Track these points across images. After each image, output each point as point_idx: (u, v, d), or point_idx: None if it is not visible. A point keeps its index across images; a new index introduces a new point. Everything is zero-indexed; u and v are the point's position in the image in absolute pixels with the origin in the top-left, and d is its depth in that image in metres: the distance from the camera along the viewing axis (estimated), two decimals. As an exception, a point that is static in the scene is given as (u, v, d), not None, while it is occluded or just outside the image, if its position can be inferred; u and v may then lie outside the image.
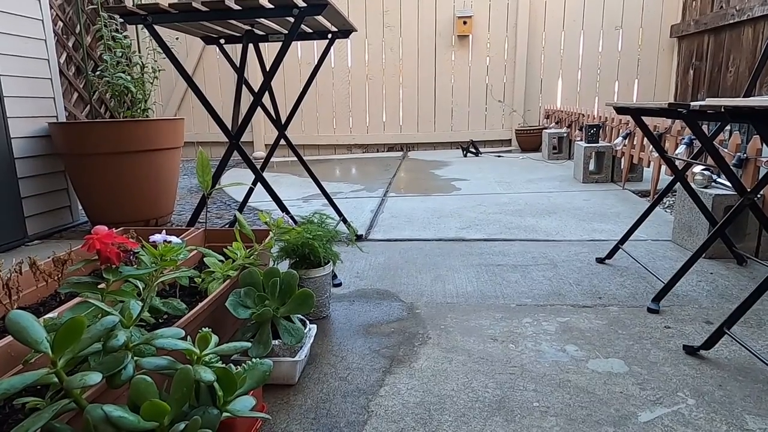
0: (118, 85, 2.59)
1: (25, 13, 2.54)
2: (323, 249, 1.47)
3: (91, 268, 1.32)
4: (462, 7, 5.53)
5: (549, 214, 2.71)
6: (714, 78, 4.50)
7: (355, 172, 4.59)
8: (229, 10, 1.64)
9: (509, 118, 5.68)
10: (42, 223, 2.63)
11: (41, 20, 2.64)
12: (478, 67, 5.69)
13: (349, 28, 2.16)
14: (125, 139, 2.50)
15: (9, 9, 2.44)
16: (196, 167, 1.50)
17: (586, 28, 5.49)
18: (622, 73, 5.54)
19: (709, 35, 4.57)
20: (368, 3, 5.67)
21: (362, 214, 2.87)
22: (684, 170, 1.87)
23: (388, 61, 5.80)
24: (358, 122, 5.96)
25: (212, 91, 5.85)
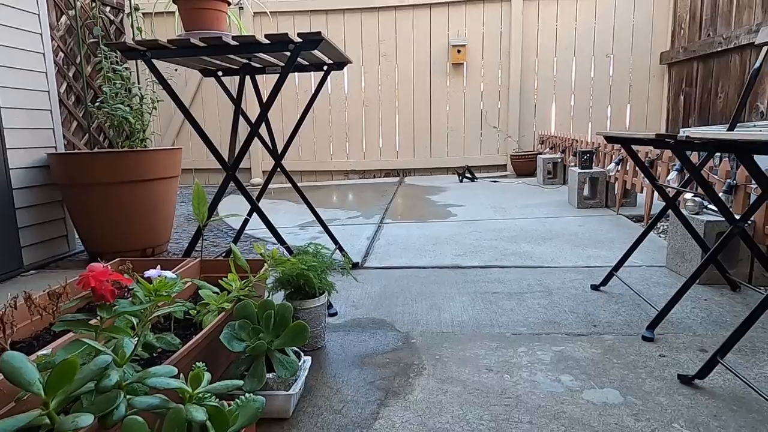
0: (117, 116, 2.63)
1: (28, 47, 2.59)
2: (318, 279, 1.48)
3: (87, 299, 1.33)
4: (456, 36, 5.65)
5: (544, 240, 2.73)
6: (704, 103, 4.58)
7: (351, 199, 4.62)
8: (226, 45, 1.68)
9: (504, 143, 5.75)
10: (38, 252, 2.63)
11: (42, 53, 2.69)
12: (473, 93, 5.78)
13: (344, 60, 2.21)
14: (123, 169, 2.52)
15: (12, 43, 2.49)
16: (192, 199, 1.51)
17: (578, 55, 5.60)
18: (615, 98, 5.63)
19: (698, 62, 4.67)
20: (364, 32, 5.78)
21: (359, 241, 2.88)
22: (675, 197, 1.90)
23: (385, 88, 5.89)
24: (355, 148, 6.02)
25: (211, 118, 5.92)
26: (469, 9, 5.64)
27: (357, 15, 5.74)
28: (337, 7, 5.71)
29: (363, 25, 5.77)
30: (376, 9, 5.70)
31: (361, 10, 5.71)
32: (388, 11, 5.71)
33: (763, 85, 3.73)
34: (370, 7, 5.70)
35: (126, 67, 2.90)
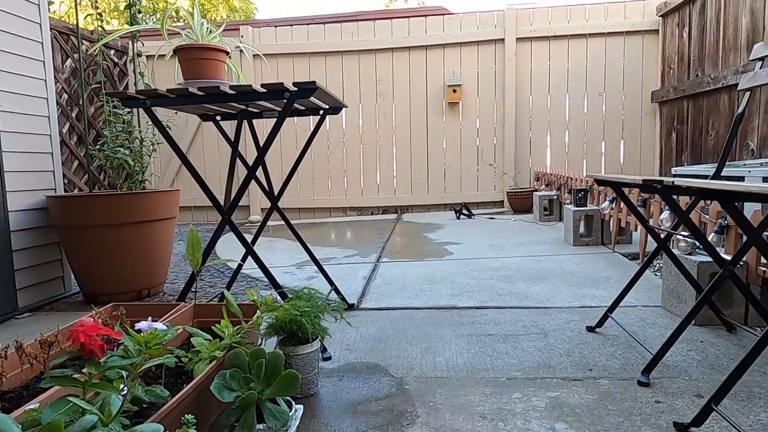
0: (117, 159, 2.67)
1: (32, 93, 2.66)
2: (311, 325, 1.48)
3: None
4: (452, 76, 5.79)
5: (540, 279, 2.73)
6: (696, 141, 4.66)
7: (349, 236, 4.64)
8: (224, 94, 1.73)
9: (500, 180, 5.81)
10: (34, 294, 2.63)
11: (46, 98, 2.76)
12: (469, 131, 5.88)
13: (339, 105, 2.26)
14: (121, 211, 2.55)
15: (17, 89, 2.56)
16: (187, 245, 1.53)
17: (570, 92, 5.73)
18: (608, 134, 5.72)
19: (688, 101, 4.77)
20: (362, 73, 5.93)
21: (355, 281, 2.88)
22: (667, 239, 1.91)
23: (382, 126, 5.99)
24: (353, 185, 6.08)
25: (211, 156, 6.00)
26: (463, 50, 5.79)
27: (355, 57, 5.90)
28: (336, 49, 5.88)
29: (361, 66, 5.92)
30: (374, 51, 5.86)
31: (359, 52, 5.87)
32: (385, 53, 5.87)
33: (752, 123, 3.80)
34: (368, 50, 5.86)
35: (128, 111, 2.96)
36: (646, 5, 5.46)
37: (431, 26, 5.80)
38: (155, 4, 20.72)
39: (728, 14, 4.12)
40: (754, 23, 3.79)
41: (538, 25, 5.63)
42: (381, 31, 5.86)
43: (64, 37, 5.36)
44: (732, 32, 4.08)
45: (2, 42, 2.48)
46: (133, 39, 2.86)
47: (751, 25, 3.84)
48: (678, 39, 4.98)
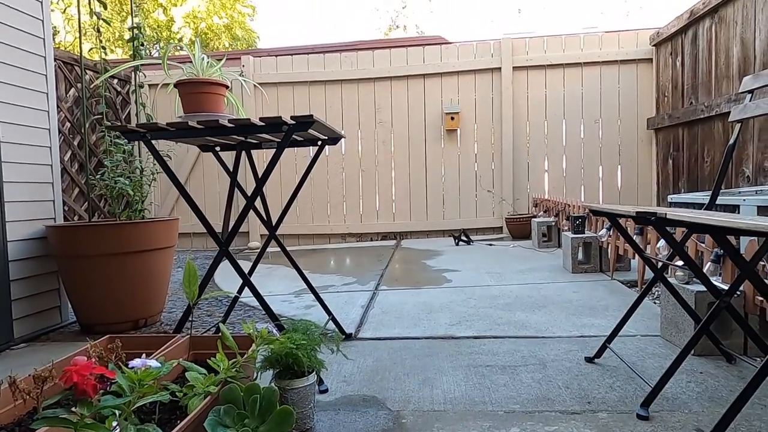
0: (117, 188, 2.69)
1: (35, 124, 2.70)
2: (308, 358, 1.47)
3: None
4: (450, 103, 5.87)
5: (539, 307, 2.72)
6: (692, 167, 4.70)
7: (348, 263, 4.63)
8: (223, 127, 1.76)
9: (499, 206, 5.83)
10: (30, 324, 2.62)
11: (48, 129, 2.79)
12: (467, 157, 5.93)
13: (337, 136, 2.29)
14: (120, 240, 2.55)
15: (20, 121, 2.60)
16: (183, 277, 1.53)
17: (567, 118, 5.79)
18: (605, 160, 5.77)
19: (683, 128, 4.83)
20: (361, 100, 6.01)
21: (353, 309, 2.87)
22: (664, 268, 1.92)
23: (381, 153, 6.05)
24: (352, 211, 6.10)
25: (211, 183, 6.03)
26: (461, 78, 5.89)
27: (354, 85, 5.99)
28: (335, 78, 5.98)
29: (360, 94, 6.01)
30: (372, 80, 5.96)
31: (358, 80, 5.97)
32: (384, 81, 5.96)
33: (746, 150, 3.84)
34: (367, 78, 5.96)
35: (128, 140, 2.99)
36: (639, 35, 5.57)
37: (429, 55, 5.91)
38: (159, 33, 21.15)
39: (719, 44, 4.20)
40: (745, 53, 3.87)
41: (533, 54, 5.73)
42: (380, 60, 5.97)
43: (68, 67, 5.45)
44: (724, 61, 4.15)
45: (7, 75, 2.52)
46: (136, 71, 2.91)
47: (741, 54, 3.91)
48: (671, 68, 5.07)
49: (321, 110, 6.03)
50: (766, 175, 3.63)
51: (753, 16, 3.76)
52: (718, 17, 4.22)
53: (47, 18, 2.78)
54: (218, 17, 20.30)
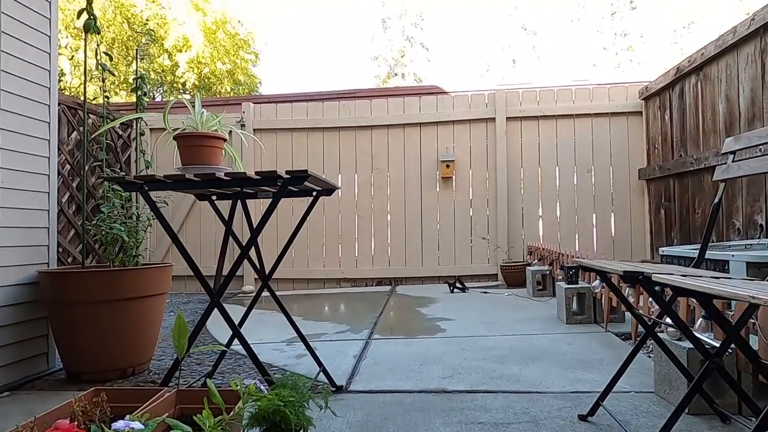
0: (112, 234, 2.71)
1: (35, 170, 2.74)
2: (295, 416, 1.45)
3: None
4: (445, 151, 5.98)
5: (533, 360, 2.70)
6: (684, 218, 4.75)
7: (342, 310, 4.60)
8: (219, 180, 1.80)
9: (494, 253, 5.85)
10: (15, 372, 2.57)
11: (47, 175, 2.83)
12: (462, 205, 6.00)
13: (331, 187, 2.33)
14: (113, 287, 2.55)
15: (20, 167, 2.63)
16: (173, 330, 1.53)
17: (560, 166, 5.90)
18: (599, 208, 5.83)
19: (674, 180, 4.92)
20: (358, 147, 6.13)
21: (345, 359, 2.84)
22: (654, 325, 1.92)
23: (377, 198, 6.11)
24: (347, 256, 6.10)
25: (207, 225, 6.05)
26: (456, 127, 6.03)
27: (352, 132, 6.12)
28: (333, 125, 6.11)
29: (357, 140, 6.13)
30: (370, 127, 6.09)
31: (356, 128, 6.11)
32: (381, 129, 6.10)
33: (736, 203, 3.90)
34: (364, 126, 6.09)
35: (126, 186, 3.03)
36: (628, 89, 5.76)
37: (425, 105, 6.07)
38: (163, 77, 21.68)
39: (705, 100, 4.35)
40: (730, 109, 4.00)
41: (527, 105, 5.90)
42: (377, 108, 6.12)
43: (72, 111, 5.57)
44: (710, 117, 4.28)
45: (12, 123, 2.58)
46: (137, 122, 2.98)
47: (727, 110, 4.04)
48: (660, 121, 5.22)
49: (318, 156, 6.14)
50: (756, 227, 3.68)
51: (736, 75, 3.90)
52: (703, 75, 4.38)
53: (54, 68, 2.87)
54: (221, 63, 20.87)
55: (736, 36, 3.82)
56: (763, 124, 3.57)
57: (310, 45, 46.21)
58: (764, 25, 3.51)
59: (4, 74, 2.56)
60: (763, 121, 3.57)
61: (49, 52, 2.85)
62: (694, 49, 4.49)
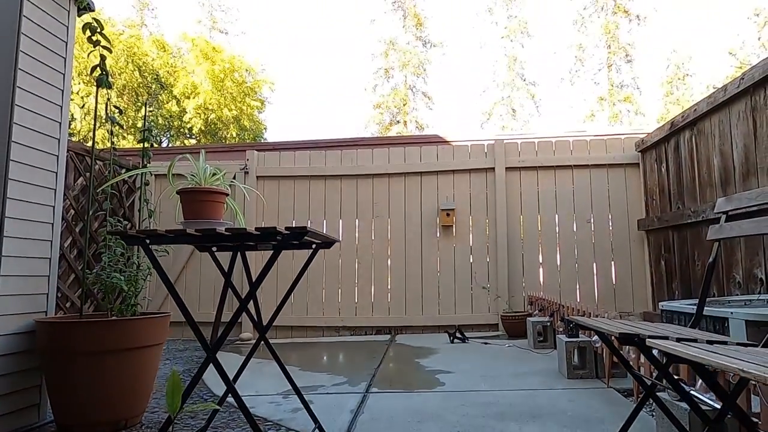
0: (112, 284, 2.72)
1: (40, 219, 2.78)
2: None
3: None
4: (445, 200, 6.05)
5: (533, 418, 2.64)
6: (684, 269, 4.75)
7: (340, 360, 4.54)
8: (220, 235, 1.83)
9: (495, 303, 5.81)
10: (4, 424, 2.52)
11: (51, 224, 2.87)
12: (462, 253, 6.01)
13: (331, 241, 2.36)
14: (110, 338, 2.54)
15: (25, 216, 2.68)
16: (166, 389, 1.52)
17: (560, 214, 5.94)
18: (599, 257, 5.83)
19: (673, 231, 4.94)
20: (359, 195, 6.20)
21: (341, 414, 2.78)
22: (654, 385, 1.90)
23: (377, 246, 6.13)
24: (347, 304, 6.06)
25: (207, 272, 6.04)
26: (456, 176, 6.12)
27: (353, 180, 6.22)
28: (335, 173, 6.21)
29: (359, 188, 6.21)
30: (371, 176, 6.19)
31: (357, 176, 6.20)
32: (382, 178, 6.19)
33: (735, 255, 3.91)
34: (365, 174, 6.19)
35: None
36: (625, 141, 5.87)
37: (426, 155, 6.18)
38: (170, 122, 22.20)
39: (700, 154, 4.43)
40: (725, 163, 4.07)
41: (525, 156, 6.00)
42: (379, 157, 6.24)
43: (79, 158, 5.68)
44: (706, 170, 4.35)
45: (21, 172, 2.65)
46: (142, 177, 3.05)
47: (722, 165, 4.11)
48: (657, 173, 5.29)
49: (320, 203, 6.21)
50: (756, 281, 3.67)
51: (729, 131, 4.00)
52: (696, 130, 4.48)
53: (65, 120, 2.97)
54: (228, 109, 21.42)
55: (726, 94, 3.94)
56: (758, 180, 3.63)
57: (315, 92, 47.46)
58: (753, 84, 3.63)
59: (17, 126, 2.64)
60: (757, 177, 3.63)
61: (61, 105, 2.96)
62: (691, 96, 4.63)
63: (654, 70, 29.74)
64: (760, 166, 3.63)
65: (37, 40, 2.78)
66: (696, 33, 43.19)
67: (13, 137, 2.62)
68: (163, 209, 6.12)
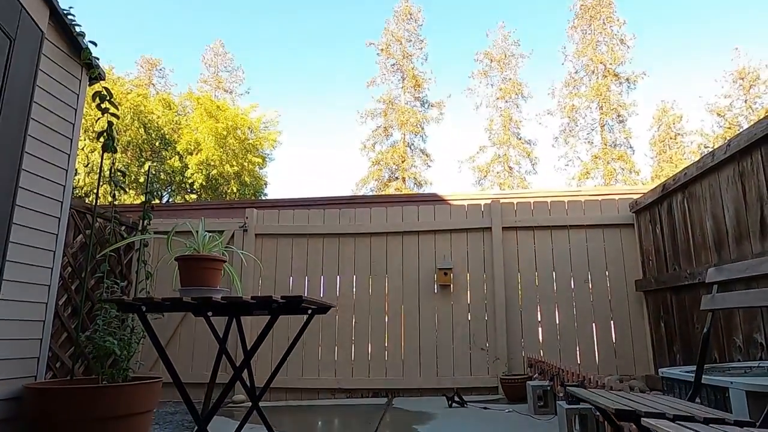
0: (105, 347, 2.69)
1: (36, 281, 2.79)
2: None
3: None
4: (443, 259, 6.06)
5: (533, 493, 2.54)
6: (684, 332, 4.70)
7: (336, 425, 4.40)
8: (216, 303, 1.84)
9: (494, 365, 5.70)
10: (-16, 498, 2.43)
11: (48, 286, 2.88)
12: (460, 313, 5.95)
13: (326, 306, 2.37)
14: (100, 405, 2.49)
15: (22, 278, 2.69)
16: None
17: (557, 272, 5.93)
18: (598, 317, 5.77)
19: (670, 293, 4.93)
20: (357, 253, 6.22)
21: (335, 488, 2.68)
22: (655, 461, 1.85)
23: (375, 305, 6.08)
24: (343, 363, 5.94)
25: (201, 331, 5.95)
26: (453, 236, 6.16)
27: (351, 239, 6.26)
28: (333, 232, 6.26)
29: (356, 247, 6.24)
30: (369, 235, 6.23)
31: (355, 235, 6.25)
32: (380, 236, 6.23)
33: (734, 320, 3.89)
34: (363, 233, 6.24)
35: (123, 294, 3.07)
36: (619, 202, 5.96)
37: (423, 214, 6.26)
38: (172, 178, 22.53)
39: (693, 217, 4.50)
40: (718, 226, 4.12)
41: (521, 216, 6.08)
42: (376, 216, 6.31)
43: (80, 215, 5.73)
44: (699, 233, 4.40)
45: (21, 235, 2.68)
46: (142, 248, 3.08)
47: (715, 227, 4.16)
48: (652, 234, 5.35)
49: (318, 261, 6.21)
50: (756, 346, 3.64)
51: (719, 195, 4.08)
52: (688, 193, 4.58)
53: (69, 184, 3.04)
54: (229, 166, 21.80)
55: (714, 159, 4.05)
56: (751, 245, 3.67)
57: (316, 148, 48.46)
58: (739, 151, 3.74)
59: (22, 190, 2.70)
60: (750, 242, 3.68)
61: (67, 168, 3.04)
62: (683, 154, 4.76)
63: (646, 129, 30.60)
64: (752, 230, 3.68)
65: (48, 107, 2.89)
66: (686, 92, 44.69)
67: (18, 200, 2.68)
68: (161, 267, 6.11)
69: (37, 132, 2.81)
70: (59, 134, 2.98)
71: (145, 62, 31.13)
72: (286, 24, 47.00)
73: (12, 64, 2.59)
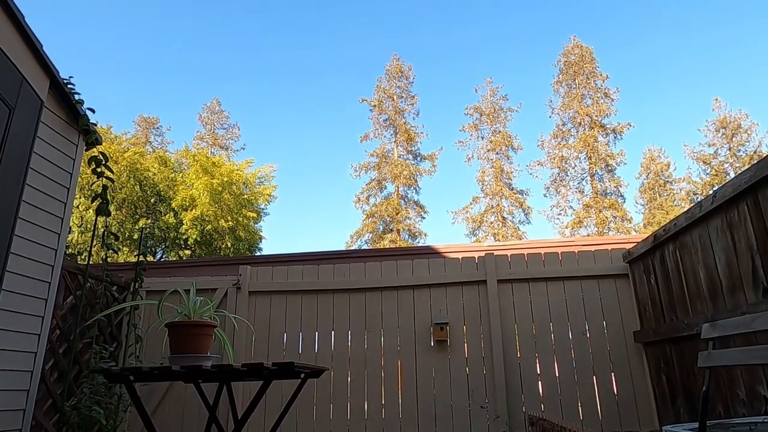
0: (90, 417, 2.60)
1: (22, 348, 2.73)
2: None
3: None
4: (438, 313, 6.00)
5: None
6: (686, 384, 4.60)
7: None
8: (206, 371, 1.80)
9: (494, 424, 5.53)
10: None
11: (35, 353, 2.82)
12: (458, 369, 5.83)
13: (320, 369, 2.32)
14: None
15: (10, 346, 2.63)
16: None
17: (555, 323, 5.84)
18: (598, 368, 5.65)
19: (670, 344, 4.87)
20: (352, 309, 6.15)
21: None
22: None
23: (371, 362, 5.95)
24: (338, 425, 5.74)
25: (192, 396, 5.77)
26: (448, 289, 6.12)
27: (346, 295, 6.20)
28: (328, 288, 6.22)
29: (351, 302, 6.18)
30: (364, 290, 6.19)
31: (350, 290, 6.20)
32: (375, 292, 6.18)
33: (735, 371, 3.82)
34: (358, 288, 6.20)
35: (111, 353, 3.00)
36: (612, 253, 5.98)
37: (417, 268, 6.24)
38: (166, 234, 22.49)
39: (686, 267, 4.51)
40: (711, 276, 4.13)
41: (516, 269, 6.07)
42: (371, 271, 6.28)
43: (71, 276, 5.67)
44: (693, 282, 4.40)
45: (10, 303, 2.64)
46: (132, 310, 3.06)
47: (708, 277, 4.17)
48: (647, 284, 5.34)
49: (312, 318, 6.13)
50: (759, 399, 3.56)
51: (710, 245, 4.12)
52: (679, 243, 4.61)
53: (61, 248, 3.03)
54: (224, 221, 21.84)
55: (702, 210, 4.12)
56: (745, 295, 3.67)
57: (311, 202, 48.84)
58: (726, 202, 3.81)
59: (13, 256, 2.69)
60: (744, 292, 3.68)
61: (59, 232, 3.04)
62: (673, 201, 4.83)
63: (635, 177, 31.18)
64: (744, 279, 3.69)
65: (44, 173, 2.93)
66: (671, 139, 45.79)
67: (9, 267, 2.66)
68: (152, 329, 5.99)
69: (31, 197, 2.83)
70: (54, 199, 3.01)
71: (142, 121, 31.83)
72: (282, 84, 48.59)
73: (10, 133, 2.65)
